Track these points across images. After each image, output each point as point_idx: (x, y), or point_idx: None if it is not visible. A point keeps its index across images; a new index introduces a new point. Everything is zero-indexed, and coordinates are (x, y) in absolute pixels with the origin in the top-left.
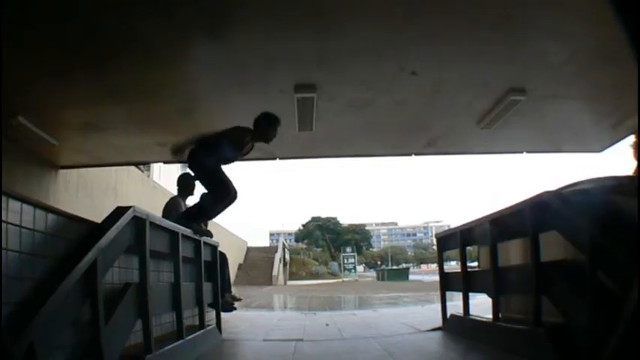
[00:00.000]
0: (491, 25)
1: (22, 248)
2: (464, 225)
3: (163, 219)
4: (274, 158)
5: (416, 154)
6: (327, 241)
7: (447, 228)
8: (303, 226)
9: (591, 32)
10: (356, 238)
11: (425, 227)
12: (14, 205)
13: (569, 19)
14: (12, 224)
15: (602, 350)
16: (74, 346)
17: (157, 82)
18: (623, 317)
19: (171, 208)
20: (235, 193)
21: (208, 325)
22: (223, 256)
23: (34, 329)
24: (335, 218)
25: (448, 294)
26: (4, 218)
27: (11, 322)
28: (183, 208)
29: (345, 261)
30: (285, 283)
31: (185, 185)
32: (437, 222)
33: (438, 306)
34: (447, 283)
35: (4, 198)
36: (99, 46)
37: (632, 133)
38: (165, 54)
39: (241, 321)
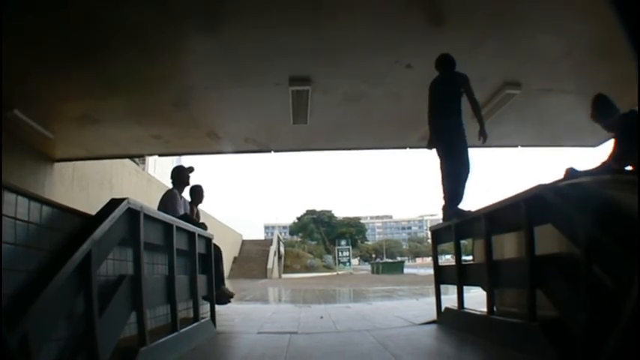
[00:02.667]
0: (487, 19)
1: (16, 240)
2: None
3: (158, 211)
4: (269, 151)
5: (410, 148)
6: (321, 234)
7: (441, 221)
8: (298, 219)
9: (587, 28)
10: (351, 231)
11: (420, 220)
12: (9, 197)
13: (565, 15)
14: (7, 216)
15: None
16: (68, 338)
17: (151, 74)
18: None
19: (168, 201)
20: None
21: (203, 318)
22: (218, 249)
23: (27, 321)
24: (330, 211)
25: (443, 287)
26: None
27: (5, 315)
28: (180, 200)
29: (340, 254)
30: (279, 276)
31: (179, 177)
32: (432, 215)
33: (433, 299)
34: (442, 276)
35: None
36: (93, 37)
37: None
38: (159, 45)
39: (236, 314)
